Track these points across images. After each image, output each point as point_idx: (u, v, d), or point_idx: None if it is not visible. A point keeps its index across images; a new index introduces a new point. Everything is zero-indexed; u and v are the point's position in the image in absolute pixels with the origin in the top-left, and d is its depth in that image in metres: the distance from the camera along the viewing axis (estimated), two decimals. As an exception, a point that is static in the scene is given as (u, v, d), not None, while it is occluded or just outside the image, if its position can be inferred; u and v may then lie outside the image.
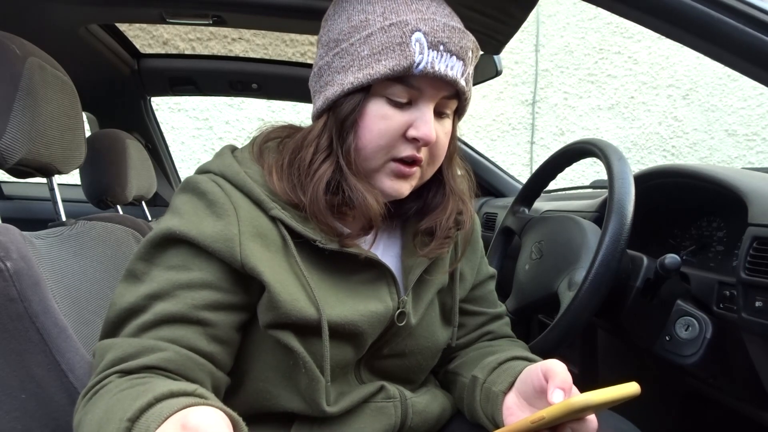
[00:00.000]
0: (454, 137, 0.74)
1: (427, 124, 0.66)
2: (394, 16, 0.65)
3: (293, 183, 0.68)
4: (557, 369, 0.61)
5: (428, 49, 0.64)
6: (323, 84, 0.70)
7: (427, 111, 0.67)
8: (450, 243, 0.78)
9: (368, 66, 0.65)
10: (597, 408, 0.56)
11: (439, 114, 0.70)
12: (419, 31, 0.64)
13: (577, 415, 0.56)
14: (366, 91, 0.66)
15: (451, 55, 0.65)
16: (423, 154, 0.69)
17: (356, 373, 0.75)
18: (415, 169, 0.70)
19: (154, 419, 0.46)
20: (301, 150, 0.69)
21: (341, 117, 0.67)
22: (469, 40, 0.68)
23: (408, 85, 0.66)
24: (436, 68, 0.65)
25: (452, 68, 0.66)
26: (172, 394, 0.50)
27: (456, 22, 0.68)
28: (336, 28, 0.69)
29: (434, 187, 0.76)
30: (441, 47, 0.65)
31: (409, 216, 0.78)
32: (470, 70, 0.70)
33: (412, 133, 0.67)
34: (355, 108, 0.66)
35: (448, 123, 0.71)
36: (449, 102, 0.70)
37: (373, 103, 0.67)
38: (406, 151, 0.68)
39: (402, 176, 0.69)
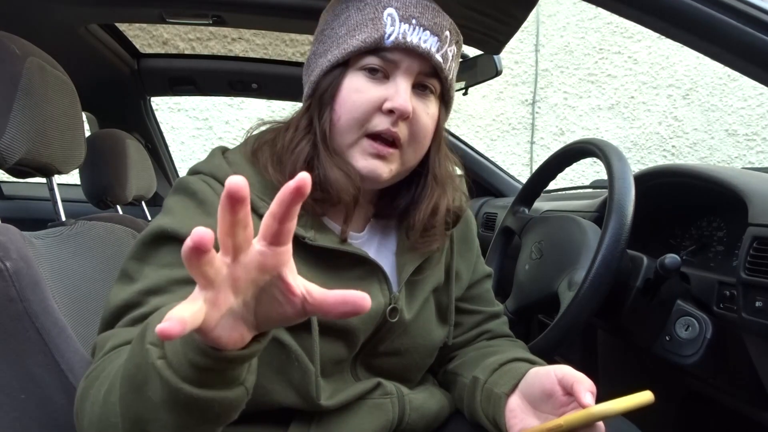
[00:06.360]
0: (440, 125, 0.74)
1: (401, 95, 0.67)
2: None
3: (280, 167, 0.70)
4: (578, 374, 0.62)
5: (400, 22, 0.67)
6: (309, 72, 0.73)
7: (402, 83, 0.68)
8: (440, 238, 0.78)
9: (344, 43, 0.68)
10: (613, 416, 0.57)
11: (420, 93, 0.70)
12: (391, 6, 0.67)
13: (592, 423, 0.57)
14: (344, 66, 0.69)
15: (424, 30, 0.67)
16: (402, 131, 0.68)
17: (352, 371, 0.75)
18: (393, 151, 0.69)
19: None
20: (286, 134, 0.71)
21: (320, 94, 0.69)
22: (445, 19, 0.70)
23: (383, 57, 0.67)
24: (408, 39, 0.66)
25: (425, 41, 0.67)
26: None
27: (432, 2, 0.70)
28: (322, 21, 0.74)
29: (423, 179, 0.76)
30: (413, 21, 0.67)
31: (401, 212, 0.78)
32: (449, 49, 0.70)
33: (387, 105, 0.67)
34: (332, 83, 0.69)
35: (431, 106, 0.71)
36: (429, 80, 0.70)
37: (350, 77, 0.69)
38: (382, 124, 0.67)
39: (378, 156, 0.68)
